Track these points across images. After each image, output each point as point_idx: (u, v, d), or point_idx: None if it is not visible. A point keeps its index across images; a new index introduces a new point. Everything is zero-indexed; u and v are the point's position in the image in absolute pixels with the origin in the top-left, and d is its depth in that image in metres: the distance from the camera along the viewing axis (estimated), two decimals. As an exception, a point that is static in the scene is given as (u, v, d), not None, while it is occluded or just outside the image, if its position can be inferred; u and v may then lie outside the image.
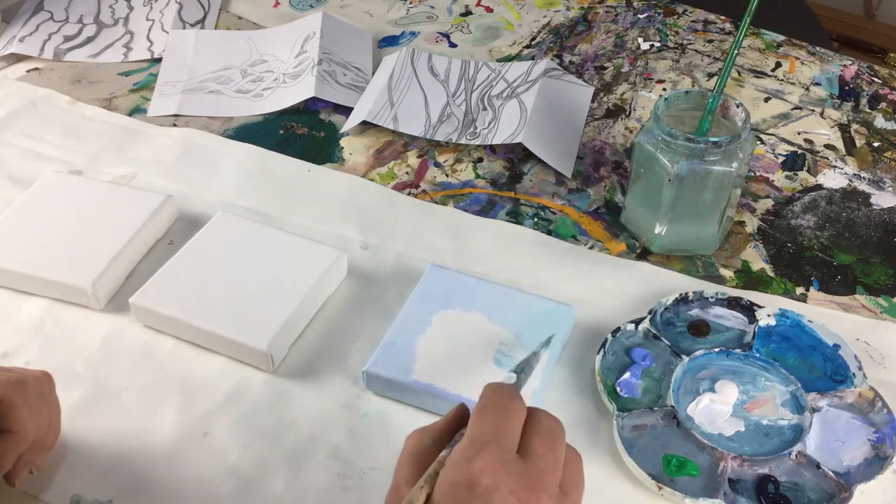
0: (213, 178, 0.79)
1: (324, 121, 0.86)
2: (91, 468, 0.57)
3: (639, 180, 0.70)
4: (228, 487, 0.56)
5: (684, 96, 0.69)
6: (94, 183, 0.75)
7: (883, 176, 0.80)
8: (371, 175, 0.80)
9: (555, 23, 1.00)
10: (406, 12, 1.02)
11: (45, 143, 0.83)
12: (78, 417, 0.59)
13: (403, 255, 0.72)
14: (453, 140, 0.82)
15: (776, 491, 0.55)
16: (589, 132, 0.85)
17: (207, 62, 0.93)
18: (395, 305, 0.66)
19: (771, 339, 0.64)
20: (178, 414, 0.60)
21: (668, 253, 0.72)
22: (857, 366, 0.60)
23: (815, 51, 0.95)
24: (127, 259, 0.69)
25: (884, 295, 0.69)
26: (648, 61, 0.94)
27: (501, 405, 0.43)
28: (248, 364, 0.63)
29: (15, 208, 0.71)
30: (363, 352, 0.63)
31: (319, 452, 0.58)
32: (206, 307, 0.63)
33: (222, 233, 0.69)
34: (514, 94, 0.86)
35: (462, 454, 0.40)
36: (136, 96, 0.89)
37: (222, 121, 0.86)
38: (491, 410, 0.43)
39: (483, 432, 0.41)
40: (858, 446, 0.57)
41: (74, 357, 0.64)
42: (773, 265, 0.71)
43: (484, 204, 0.77)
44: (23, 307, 0.67)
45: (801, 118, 0.86)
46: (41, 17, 1.00)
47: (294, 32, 0.95)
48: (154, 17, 0.99)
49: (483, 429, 0.41)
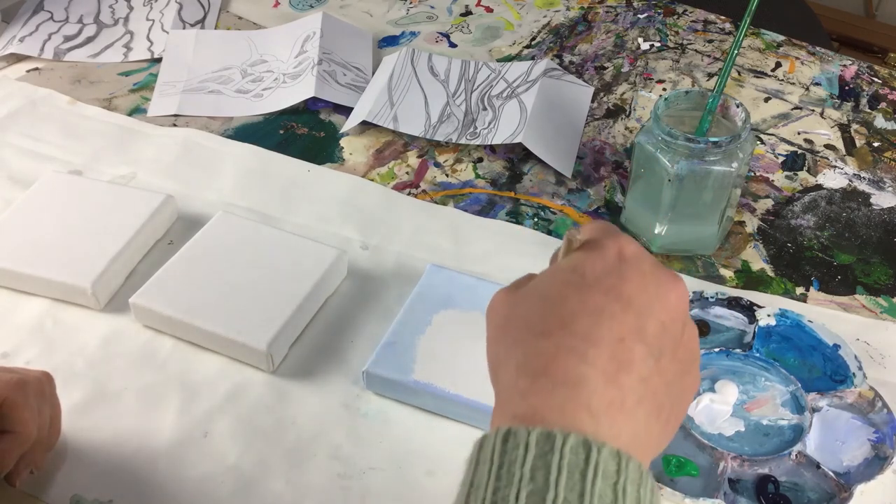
0: (213, 178, 0.79)
1: (324, 121, 0.86)
2: (91, 468, 0.57)
3: (639, 180, 0.70)
4: (228, 487, 0.56)
5: (684, 96, 0.69)
6: (94, 183, 0.75)
7: (883, 176, 0.80)
8: (371, 175, 0.80)
9: (555, 23, 1.00)
10: (406, 12, 1.02)
11: (45, 143, 0.83)
12: (78, 417, 0.59)
13: (403, 255, 0.72)
14: (453, 140, 0.82)
15: (776, 491, 0.55)
16: (589, 132, 0.85)
17: (207, 62, 0.93)
18: (395, 305, 0.66)
19: (771, 339, 0.64)
20: (178, 414, 0.60)
21: (668, 253, 0.72)
22: (857, 366, 0.60)
23: (815, 51, 0.95)
24: (127, 259, 0.69)
25: (884, 295, 0.69)
26: (648, 61, 0.94)
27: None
28: (248, 364, 0.63)
29: (15, 208, 0.71)
30: (363, 352, 0.63)
31: (319, 452, 0.58)
32: (205, 307, 0.63)
33: (222, 233, 0.69)
34: (514, 94, 0.86)
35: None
36: (136, 96, 0.89)
37: (222, 121, 0.86)
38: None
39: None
40: (858, 446, 0.57)
41: (74, 357, 0.64)
42: (773, 265, 0.71)
43: (484, 204, 0.77)
44: (23, 307, 0.67)
45: (801, 118, 0.86)
46: (41, 17, 1.00)
47: (294, 32, 0.95)
48: (154, 17, 0.99)
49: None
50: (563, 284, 0.39)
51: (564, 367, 0.36)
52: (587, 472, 0.32)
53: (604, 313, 0.37)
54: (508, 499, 0.32)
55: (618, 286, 0.38)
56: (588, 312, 0.37)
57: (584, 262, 0.39)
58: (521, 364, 0.37)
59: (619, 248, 0.40)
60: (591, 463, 0.33)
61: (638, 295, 0.38)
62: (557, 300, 0.38)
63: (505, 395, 0.37)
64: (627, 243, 0.40)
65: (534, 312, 0.39)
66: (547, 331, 0.37)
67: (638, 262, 0.39)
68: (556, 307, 0.38)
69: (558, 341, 0.37)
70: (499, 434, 0.34)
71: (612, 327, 0.37)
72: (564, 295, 0.38)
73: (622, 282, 0.38)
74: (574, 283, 0.38)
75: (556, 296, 0.38)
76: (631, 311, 0.37)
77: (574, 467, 0.32)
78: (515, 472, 0.33)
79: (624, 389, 0.36)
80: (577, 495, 0.32)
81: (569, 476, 0.32)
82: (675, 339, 0.39)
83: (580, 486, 0.32)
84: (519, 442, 0.33)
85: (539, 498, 0.32)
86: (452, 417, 0.59)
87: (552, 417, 0.35)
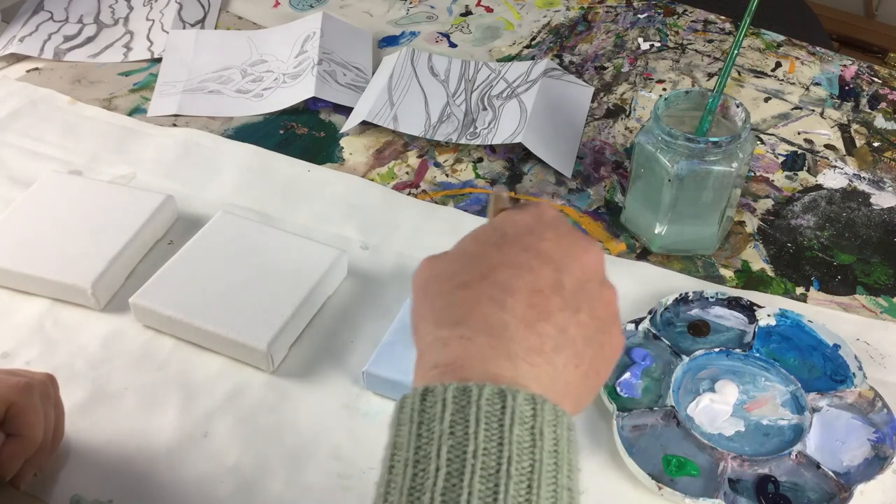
0: (213, 178, 0.79)
1: (324, 121, 0.86)
2: (91, 468, 0.57)
3: (639, 180, 0.70)
4: (228, 488, 0.56)
5: (684, 96, 0.69)
6: (94, 183, 0.75)
7: (883, 176, 0.80)
8: (371, 175, 0.80)
9: (555, 23, 1.00)
10: (406, 12, 1.02)
11: (45, 143, 0.83)
12: (78, 417, 0.59)
13: (403, 255, 0.72)
14: (453, 140, 0.82)
15: (776, 491, 0.55)
16: (589, 132, 0.85)
17: (207, 62, 0.93)
18: (395, 305, 0.66)
19: (771, 339, 0.64)
20: (178, 414, 0.60)
21: (668, 253, 0.72)
22: (857, 366, 0.60)
23: (815, 51, 0.95)
24: (127, 259, 0.69)
25: (884, 295, 0.69)
26: (648, 61, 0.94)
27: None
28: (248, 364, 0.63)
29: (15, 208, 0.71)
30: (363, 352, 0.63)
31: (319, 452, 0.58)
32: (206, 307, 0.63)
33: (222, 233, 0.69)
34: (514, 94, 0.86)
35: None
36: (136, 96, 0.89)
37: (222, 121, 0.86)
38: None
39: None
40: (858, 446, 0.57)
41: (74, 357, 0.64)
42: (773, 265, 0.71)
43: (484, 204, 0.77)
44: (23, 307, 0.67)
45: (801, 118, 0.86)
46: (41, 17, 0.99)
47: (294, 32, 0.95)
48: (154, 17, 0.99)
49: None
50: (483, 243, 0.41)
51: (485, 314, 0.37)
52: (504, 420, 0.33)
53: (522, 267, 0.39)
54: (430, 455, 0.33)
55: (536, 244, 0.40)
56: (507, 265, 0.39)
57: (504, 223, 0.42)
58: (442, 313, 0.39)
59: (539, 212, 0.42)
60: (507, 411, 0.34)
61: (555, 252, 0.40)
62: (478, 256, 0.40)
63: (425, 347, 0.39)
64: (547, 208, 0.42)
65: (456, 267, 0.40)
66: (468, 282, 0.39)
67: (556, 224, 0.41)
68: (477, 261, 0.40)
69: (479, 291, 0.38)
70: (416, 393, 0.35)
71: (529, 280, 0.39)
72: (485, 252, 0.40)
73: (540, 240, 0.40)
74: (494, 241, 0.41)
75: (478, 252, 0.41)
76: (548, 266, 0.39)
77: (491, 417, 0.33)
78: (435, 429, 0.33)
79: (542, 336, 0.37)
80: (496, 444, 0.33)
81: (486, 426, 0.33)
82: (591, 297, 0.40)
83: (498, 434, 0.33)
84: (436, 398, 0.34)
85: (460, 451, 0.33)
86: (452, 417, 0.59)
87: (473, 365, 0.36)
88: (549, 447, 0.33)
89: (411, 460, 0.33)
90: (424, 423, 0.34)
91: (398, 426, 0.35)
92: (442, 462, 0.32)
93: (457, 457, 0.32)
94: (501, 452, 0.33)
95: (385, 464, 0.34)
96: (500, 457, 0.32)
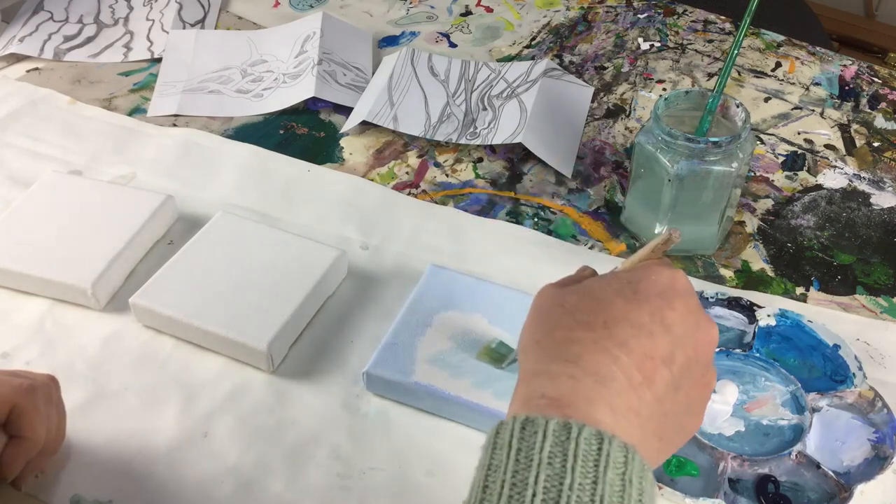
0: (213, 178, 0.79)
1: (324, 121, 0.86)
2: (91, 468, 0.57)
3: (639, 180, 0.70)
4: (228, 488, 0.56)
5: (684, 96, 0.69)
6: (94, 183, 0.75)
7: (883, 176, 0.80)
8: (371, 175, 0.80)
9: (555, 23, 1.00)
10: (406, 12, 1.02)
11: (45, 143, 0.83)
12: (78, 418, 0.59)
13: (403, 255, 0.72)
14: (453, 140, 0.82)
15: (776, 491, 0.55)
16: (589, 132, 0.85)
17: (207, 62, 0.93)
18: (395, 305, 0.66)
19: (771, 339, 0.64)
20: (178, 414, 0.60)
21: (668, 253, 0.72)
22: (857, 366, 0.60)
23: (815, 51, 0.95)
24: (127, 259, 0.69)
25: (884, 295, 0.69)
26: (648, 61, 0.94)
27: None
28: (248, 364, 0.63)
29: (15, 208, 0.71)
30: (363, 352, 0.63)
31: (319, 452, 0.58)
32: (206, 307, 0.63)
33: (222, 233, 0.69)
34: (514, 94, 0.86)
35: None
36: (136, 96, 0.89)
37: (222, 121, 0.86)
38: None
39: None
40: (858, 446, 0.57)
41: (74, 357, 0.64)
42: (773, 265, 0.71)
43: (484, 204, 0.77)
44: (23, 307, 0.67)
45: (801, 118, 0.86)
46: (41, 17, 0.99)
47: (294, 32, 0.95)
48: (154, 17, 0.99)
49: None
50: (615, 292, 0.42)
51: (598, 361, 0.39)
52: (599, 461, 0.35)
53: (643, 329, 0.40)
54: (527, 481, 0.34)
55: (663, 310, 0.41)
56: (630, 323, 0.40)
57: (639, 279, 0.42)
58: (558, 347, 0.40)
59: (675, 277, 0.43)
60: (602, 453, 0.35)
61: (677, 325, 0.41)
62: (607, 303, 0.41)
63: (533, 373, 0.40)
64: (682, 277, 0.43)
65: (582, 305, 0.42)
66: (591, 324, 0.40)
67: (686, 297, 0.42)
68: (604, 307, 0.41)
69: (597, 337, 0.40)
70: (517, 421, 0.36)
71: (646, 344, 0.40)
72: (614, 301, 0.41)
73: (668, 308, 0.41)
74: (626, 294, 0.42)
75: (606, 299, 0.42)
76: (667, 337, 0.40)
77: (588, 456, 0.35)
78: (534, 457, 0.35)
79: (642, 401, 0.39)
80: (591, 482, 0.34)
81: (583, 463, 0.35)
82: (694, 378, 0.42)
83: (594, 473, 0.35)
84: (537, 429, 0.36)
85: (557, 481, 0.34)
86: (452, 419, 0.59)
87: (578, 405, 0.37)
88: (635, 495, 0.35)
89: (508, 482, 0.35)
90: (523, 450, 0.35)
91: (494, 448, 0.36)
92: (539, 489, 0.34)
93: (553, 486, 0.34)
94: (595, 490, 0.34)
95: (478, 484, 0.36)
96: (594, 494, 0.34)
